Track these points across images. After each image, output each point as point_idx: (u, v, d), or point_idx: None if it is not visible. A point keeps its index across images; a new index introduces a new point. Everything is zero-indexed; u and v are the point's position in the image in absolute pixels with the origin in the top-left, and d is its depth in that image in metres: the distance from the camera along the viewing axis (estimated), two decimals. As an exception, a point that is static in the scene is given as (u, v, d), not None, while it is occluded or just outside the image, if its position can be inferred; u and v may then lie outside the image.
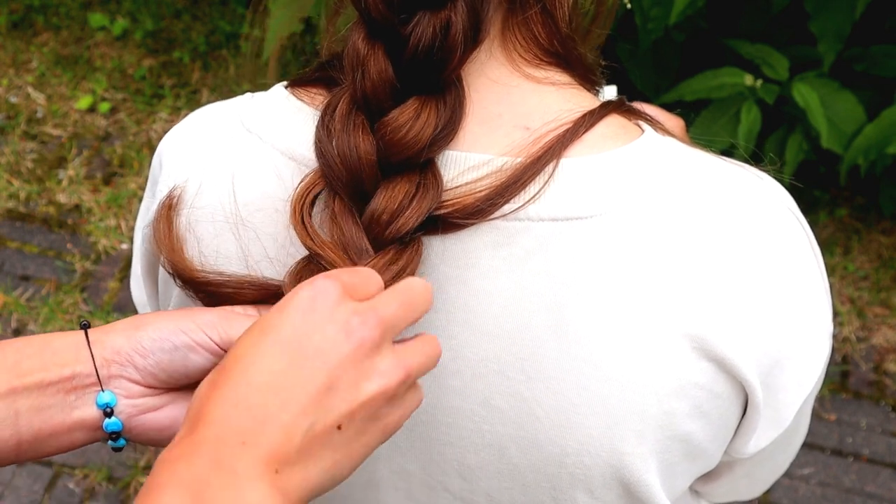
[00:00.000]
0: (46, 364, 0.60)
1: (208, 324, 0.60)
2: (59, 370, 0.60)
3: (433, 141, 0.59)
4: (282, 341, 0.52)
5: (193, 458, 0.48)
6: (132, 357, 0.60)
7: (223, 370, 0.52)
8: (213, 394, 0.51)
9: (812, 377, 0.66)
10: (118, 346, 0.61)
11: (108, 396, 0.60)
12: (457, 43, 0.58)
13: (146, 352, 0.60)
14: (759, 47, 2.27)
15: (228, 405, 0.50)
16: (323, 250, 0.59)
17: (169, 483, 0.47)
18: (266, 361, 0.51)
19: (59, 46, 3.04)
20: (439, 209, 0.60)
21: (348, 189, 0.60)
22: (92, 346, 0.60)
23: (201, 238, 0.66)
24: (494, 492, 0.66)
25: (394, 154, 0.59)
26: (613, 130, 0.63)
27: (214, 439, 0.49)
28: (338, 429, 0.52)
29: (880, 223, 2.63)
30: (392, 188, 0.59)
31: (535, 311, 0.61)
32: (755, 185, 0.64)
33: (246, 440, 0.49)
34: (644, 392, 0.61)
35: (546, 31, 0.64)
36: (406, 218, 0.59)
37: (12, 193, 2.60)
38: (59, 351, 0.61)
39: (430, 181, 0.60)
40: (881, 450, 2.18)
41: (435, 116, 0.59)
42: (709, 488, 0.79)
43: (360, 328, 0.52)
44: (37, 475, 2.06)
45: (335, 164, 0.59)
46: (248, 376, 0.51)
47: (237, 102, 0.70)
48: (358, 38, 0.59)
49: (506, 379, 0.62)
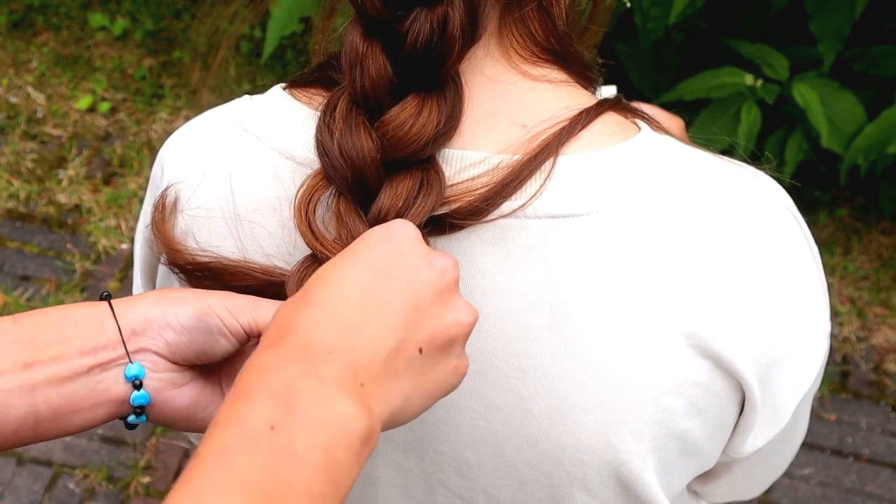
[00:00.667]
0: (66, 337, 0.57)
1: (237, 308, 0.59)
2: (80, 343, 0.57)
3: (436, 137, 0.59)
4: (368, 261, 0.53)
5: (282, 366, 0.48)
6: (164, 331, 0.59)
7: (308, 288, 0.52)
8: (300, 308, 0.51)
9: (809, 376, 0.66)
10: (152, 317, 0.59)
11: (136, 368, 0.58)
12: (455, 38, 0.58)
13: (181, 328, 0.59)
14: (758, 47, 2.27)
15: (316, 315, 0.50)
16: (333, 253, 0.58)
17: (259, 391, 0.46)
18: (353, 277, 0.52)
19: (59, 46, 3.05)
20: (441, 207, 0.60)
21: (353, 188, 0.60)
22: (118, 317, 0.59)
23: (200, 236, 0.66)
24: (492, 489, 0.66)
25: (396, 151, 0.59)
26: (610, 128, 0.63)
27: (302, 348, 0.49)
28: (419, 352, 0.52)
29: (880, 223, 2.63)
30: (396, 186, 0.59)
31: (531, 309, 0.61)
32: (752, 183, 0.64)
33: (333, 350, 0.49)
34: (641, 390, 0.61)
35: (543, 29, 0.64)
36: (411, 216, 0.59)
37: (12, 193, 2.60)
38: (81, 322, 0.58)
39: (433, 178, 0.60)
40: (881, 450, 2.18)
41: (437, 112, 0.59)
42: (708, 488, 0.79)
43: (441, 259, 0.54)
44: (37, 475, 2.06)
45: (339, 164, 0.59)
46: (336, 289, 0.51)
47: (236, 105, 0.70)
48: (355, 37, 0.59)
49: (503, 376, 0.62)
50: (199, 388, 0.61)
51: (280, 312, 0.52)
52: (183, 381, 0.61)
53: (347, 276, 0.52)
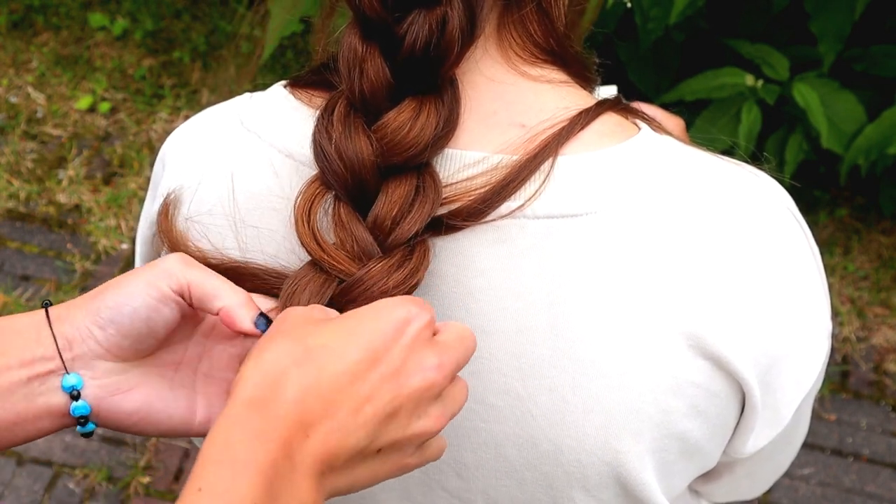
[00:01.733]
0: (6, 347, 0.56)
1: (162, 275, 0.57)
2: (19, 354, 0.56)
3: (434, 140, 0.59)
4: (368, 344, 0.52)
5: (269, 441, 0.48)
6: (92, 331, 0.57)
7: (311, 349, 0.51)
8: (297, 368, 0.50)
9: (811, 376, 0.66)
10: (78, 321, 0.57)
11: (73, 379, 0.57)
12: (454, 40, 0.57)
13: (104, 322, 0.57)
14: (759, 47, 2.27)
15: (310, 384, 0.50)
16: (337, 261, 0.58)
17: (247, 463, 0.46)
18: (350, 356, 0.51)
19: (59, 46, 3.04)
20: (440, 207, 0.60)
21: (352, 194, 0.59)
22: (53, 325, 0.57)
23: (202, 234, 0.66)
24: (491, 490, 0.66)
25: (395, 155, 0.59)
26: (609, 128, 0.63)
27: (289, 421, 0.48)
28: (377, 452, 0.52)
29: (880, 223, 2.63)
30: (392, 192, 0.59)
31: (530, 309, 0.61)
32: (752, 183, 0.64)
33: (311, 434, 0.49)
34: (640, 390, 0.61)
35: (542, 29, 0.63)
36: (409, 223, 0.58)
37: (12, 193, 2.60)
38: (21, 332, 0.57)
39: (429, 183, 0.60)
40: (881, 450, 2.18)
41: (435, 115, 0.59)
42: (709, 488, 0.79)
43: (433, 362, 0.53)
44: (37, 475, 2.06)
45: (338, 169, 0.59)
46: (333, 364, 0.51)
47: (236, 102, 0.70)
48: (354, 39, 0.59)
49: (502, 376, 0.62)
50: (149, 392, 0.59)
51: (273, 358, 0.51)
52: (129, 386, 0.59)
53: (345, 354, 0.51)
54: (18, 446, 2.08)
